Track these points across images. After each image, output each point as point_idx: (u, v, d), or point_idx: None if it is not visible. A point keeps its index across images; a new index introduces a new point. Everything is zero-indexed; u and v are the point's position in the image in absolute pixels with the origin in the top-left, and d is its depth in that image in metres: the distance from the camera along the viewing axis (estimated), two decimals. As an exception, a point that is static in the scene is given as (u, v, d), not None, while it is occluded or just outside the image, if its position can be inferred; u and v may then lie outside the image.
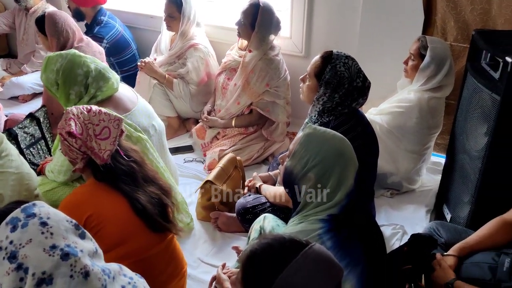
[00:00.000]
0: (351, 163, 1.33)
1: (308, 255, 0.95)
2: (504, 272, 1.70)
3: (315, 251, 0.96)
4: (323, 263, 0.96)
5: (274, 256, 0.95)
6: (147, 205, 1.58)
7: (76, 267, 0.94)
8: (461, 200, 2.26)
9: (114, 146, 1.58)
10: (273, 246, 0.97)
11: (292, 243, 0.98)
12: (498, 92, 1.87)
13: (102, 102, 2.11)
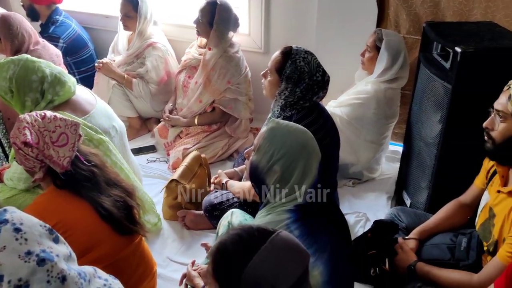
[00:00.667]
0: (314, 155, 1.37)
1: (276, 242, 0.98)
2: (461, 251, 1.79)
3: (282, 238, 0.99)
4: (290, 249, 0.99)
5: (243, 245, 0.97)
6: (112, 209, 1.56)
7: (52, 272, 0.93)
8: (419, 185, 2.36)
9: (73, 152, 1.53)
10: (241, 236, 0.99)
11: (260, 231, 1.00)
12: (449, 81, 1.96)
13: (59, 106, 2.05)
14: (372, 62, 2.60)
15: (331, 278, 1.36)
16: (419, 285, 1.69)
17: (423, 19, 2.67)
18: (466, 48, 1.83)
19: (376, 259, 1.87)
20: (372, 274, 1.88)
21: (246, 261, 0.95)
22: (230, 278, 0.95)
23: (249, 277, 0.93)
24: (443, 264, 1.76)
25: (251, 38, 3.23)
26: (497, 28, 2.14)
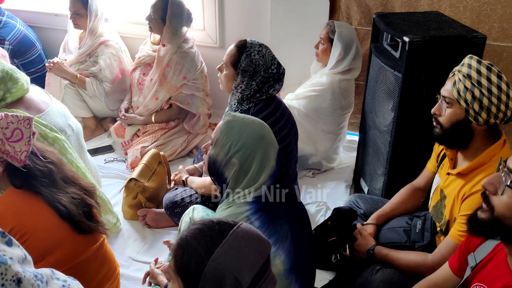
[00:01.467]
0: (271, 146, 1.39)
1: (237, 234, 0.99)
2: (417, 233, 1.87)
3: (243, 230, 1.00)
4: (252, 240, 1.00)
5: (204, 239, 0.97)
6: (70, 206, 1.53)
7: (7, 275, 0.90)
8: (375, 172, 2.43)
9: (29, 146, 1.51)
10: (202, 231, 1.00)
11: (221, 225, 1.01)
12: (399, 70, 2.02)
13: (12, 104, 2.01)
14: (326, 54, 2.65)
15: (293, 266, 1.38)
16: (378, 267, 1.74)
17: (373, 10, 2.74)
18: (413, 38, 1.90)
19: (336, 246, 1.92)
20: (333, 260, 1.94)
21: (208, 255, 0.95)
22: (193, 273, 0.95)
23: (212, 271, 0.94)
24: (400, 247, 1.83)
25: (205, 33, 3.22)
26: (442, 18, 2.22)
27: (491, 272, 1.20)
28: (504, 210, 1.06)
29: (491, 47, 2.65)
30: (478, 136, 1.60)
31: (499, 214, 1.07)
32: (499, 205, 1.07)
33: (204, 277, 0.94)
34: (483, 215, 1.11)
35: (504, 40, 2.62)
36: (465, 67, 1.56)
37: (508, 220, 1.06)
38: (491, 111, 1.50)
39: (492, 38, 2.63)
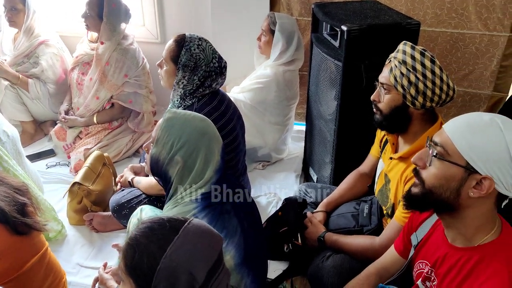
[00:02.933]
0: (215, 140, 1.37)
1: (189, 230, 0.97)
2: (364, 217, 1.91)
3: (194, 225, 0.99)
4: (203, 235, 0.99)
5: (156, 237, 0.96)
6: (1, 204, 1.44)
7: None
8: (323, 161, 2.46)
9: None
10: (153, 229, 0.98)
11: (171, 222, 0.99)
12: (339, 59, 2.05)
13: None
14: (269, 45, 2.65)
15: (244, 260, 1.38)
16: (328, 254, 1.77)
17: (313, 1, 2.77)
18: (351, 27, 1.93)
19: (288, 236, 1.93)
20: (285, 250, 1.95)
21: (161, 253, 0.94)
22: (146, 272, 0.94)
23: (165, 268, 0.92)
24: (350, 232, 1.87)
25: (146, 28, 3.14)
26: (378, 6, 2.28)
27: (431, 247, 1.25)
28: (433, 181, 1.11)
29: (426, 32, 2.75)
30: (416, 120, 1.65)
31: (429, 185, 1.12)
32: (428, 177, 1.12)
33: (157, 275, 0.92)
34: (416, 189, 1.16)
35: (438, 25, 2.72)
36: (400, 54, 1.60)
37: (437, 190, 1.11)
38: (427, 95, 1.55)
39: (427, 24, 2.73)
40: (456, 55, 2.77)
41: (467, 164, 1.06)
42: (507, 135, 1.03)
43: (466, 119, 1.11)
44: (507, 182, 1.04)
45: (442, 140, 1.10)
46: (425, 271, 1.24)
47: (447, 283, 1.14)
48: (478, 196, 1.07)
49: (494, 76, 2.75)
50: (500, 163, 1.03)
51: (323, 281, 1.68)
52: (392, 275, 1.40)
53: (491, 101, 2.83)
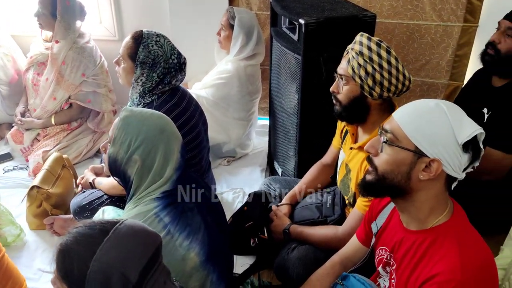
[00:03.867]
0: (174, 138, 1.35)
1: (120, 231, 0.96)
2: (328, 208, 1.94)
3: (126, 225, 0.98)
4: (136, 235, 0.98)
5: (85, 240, 0.94)
6: None
7: None
8: (287, 154, 2.48)
9: None
10: (82, 232, 0.96)
11: (102, 224, 0.99)
12: (299, 52, 2.06)
13: None
14: (229, 40, 2.64)
15: (209, 257, 1.37)
16: (294, 245, 1.78)
17: (270, -5, 2.77)
18: (308, 20, 1.94)
19: (254, 230, 1.93)
20: (252, 244, 1.95)
21: (90, 256, 0.93)
22: (77, 276, 0.93)
23: (96, 271, 0.92)
24: (314, 223, 1.89)
25: (102, 26, 3.07)
26: (335, -1, 2.30)
27: (389, 233, 1.29)
28: (384, 166, 1.14)
29: (383, 24, 2.81)
30: (374, 110, 1.68)
31: (381, 171, 1.15)
32: (380, 163, 1.15)
33: (89, 279, 0.92)
34: (370, 176, 1.19)
35: (395, 17, 2.78)
36: (357, 45, 1.62)
37: (389, 175, 1.14)
38: (384, 85, 1.58)
39: (384, 16, 2.78)
40: (412, 46, 2.84)
41: (415, 148, 1.09)
42: (451, 119, 1.07)
43: (413, 106, 1.14)
44: (454, 163, 1.08)
45: (392, 126, 1.13)
46: (384, 256, 1.27)
47: (404, 266, 1.17)
48: (428, 178, 1.10)
49: (449, 65, 2.84)
50: (446, 145, 1.07)
51: (288, 272, 1.70)
52: (356, 263, 1.43)
53: (448, 90, 2.91)
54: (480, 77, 2.36)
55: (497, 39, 2.10)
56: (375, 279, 1.34)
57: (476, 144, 1.09)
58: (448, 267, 1.04)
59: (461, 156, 1.08)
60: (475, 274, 1.04)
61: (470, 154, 1.09)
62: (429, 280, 1.06)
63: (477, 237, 1.14)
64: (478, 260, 1.07)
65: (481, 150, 1.10)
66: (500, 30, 2.10)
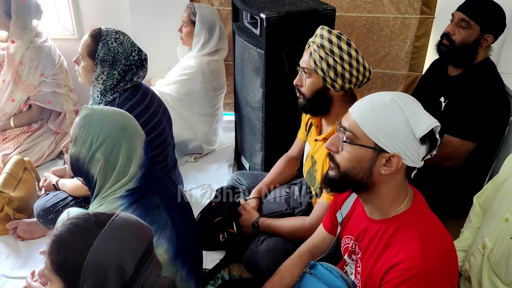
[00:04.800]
0: (136, 135, 1.34)
1: (116, 223, 0.96)
2: (295, 200, 1.96)
3: (121, 217, 0.98)
4: (131, 227, 0.98)
5: (81, 232, 0.93)
6: None
7: None
8: (254, 148, 2.49)
9: None
10: (77, 224, 0.95)
11: (97, 216, 0.98)
12: (261, 47, 2.07)
13: None
14: (190, 36, 2.62)
15: (177, 253, 1.37)
16: (262, 238, 1.80)
17: (232, -10, 2.76)
18: (269, 14, 1.95)
19: (222, 225, 1.94)
20: (221, 240, 1.96)
21: (87, 247, 0.92)
22: (72, 268, 0.91)
23: (92, 262, 0.91)
24: (282, 215, 1.91)
25: (61, 24, 2.99)
26: (295, -7, 2.32)
27: (354, 222, 1.32)
28: (346, 164, 1.16)
29: (344, 18, 2.85)
30: (337, 102, 1.71)
31: (344, 168, 1.17)
32: (341, 161, 1.17)
33: (85, 270, 0.90)
34: (332, 172, 1.20)
35: (355, 11, 2.83)
36: (318, 38, 1.64)
37: (351, 172, 1.16)
38: (345, 77, 1.61)
39: (344, 10, 2.82)
40: (372, 38, 2.90)
41: (375, 145, 1.11)
42: (407, 113, 1.09)
43: (369, 102, 1.15)
44: (412, 155, 1.11)
45: (350, 125, 1.15)
46: (350, 245, 1.30)
47: (369, 254, 1.20)
48: (389, 172, 1.13)
49: (408, 56, 2.91)
50: (404, 140, 1.09)
51: (258, 265, 1.71)
52: (323, 252, 1.46)
53: (408, 80, 2.99)
54: (436, 67, 2.45)
55: (451, 30, 2.18)
56: (342, 267, 1.37)
57: (432, 135, 1.12)
58: (410, 254, 1.07)
59: (419, 149, 1.11)
60: (436, 259, 1.07)
61: (428, 145, 1.12)
62: (393, 268, 1.09)
63: (436, 223, 1.18)
64: (438, 245, 1.11)
65: (437, 140, 1.13)
66: (453, 21, 2.18)
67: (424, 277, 1.05)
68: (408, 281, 1.05)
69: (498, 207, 1.59)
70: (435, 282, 1.06)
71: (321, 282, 1.30)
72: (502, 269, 1.49)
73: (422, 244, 1.08)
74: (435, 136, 1.12)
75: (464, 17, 2.12)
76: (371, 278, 1.17)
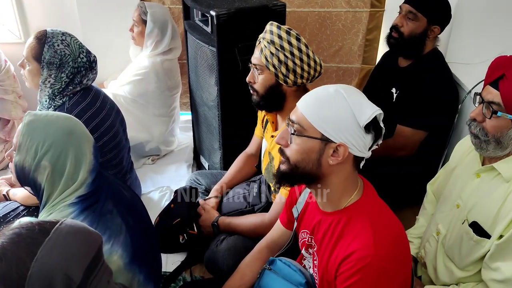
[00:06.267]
0: (84, 139, 1.29)
1: (61, 231, 0.92)
2: (255, 197, 1.96)
3: (67, 225, 0.94)
4: (78, 234, 0.94)
5: (24, 241, 0.89)
6: None
7: None
8: (212, 147, 2.47)
9: None
10: (20, 233, 0.91)
11: (41, 224, 0.94)
12: (213, 44, 2.05)
13: None
14: (142, 36, 2.57)
15: (133, 258, 1.33)
16: (222, 237, 1.79)
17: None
18: (219, 11, 1.94)
19: (182, 226, 1.92)
20: (181, 241, 1.93)
21: (30, 257, 0.88)
22: (16, 280, 0.87)
23: (37, 272, 0.87)
24: (242, 213, 1.91)
25: (5, 28, 2.86)
26: (246, -11, 2.31)
27: (308, 216, 1.33)
28: (296, 156, 1.17)
29: (296, 13, 2.87)
30: (290, 97, 1.72)
31: (293, 161, 1.18)
32: (291, 154, 1.18)
33: (29, 282, 0.87)
34: (284, 166, 1.22)
35: (306, 6, 2.85)
36: (268, 34, 1.64)
37: (301, 164, 1.17)
38: (297, 72, 1.62)
39: (296, 5, 2.84)
40: (325, 33, 2.93)
41: (322, 135, 1.13)
42: (351, 103, 1.12)
43: (314, 94, 1.17)
44: (359, 145, 1.13)
45: (297, 117, 1.16)
46: (306, 239, 1.31)
47: (324, 247, 1.21)
48: (337, 162, 1.14)
49: (361, 50, 2.96)
50: (350, 129, 1.11)
51: (219, 265, 1.70)
52: (282, 247, 1.46)
53: (361, 73, 3.04)
54: (387, 59, 2.50)
55: (399, 22, 2.23)
56: (301, 261, 1.38)
57: (376, 124, 1.14)
58: (363, 244, 1.09)
59: (365, 137, 1.13)
60: (387, 247, 1.10)
61: (373, 134, 1.14)
62: (346, 259, 1.11)
63: (386, 211, 1.20)
64: (389, 233, 1.13)
65: (382, 129, 1.16)
66: (401, 13, 2.23)
67: (377, 265, 1.07)
68: (362, 270, 1.07)
69: (450, 193, 1.64)
70: (388, 269, 1.08)
71: (280, 277, 1.31)
72: (455, 254, 1.54)
73: (373, 233, 1.10)
74: (379, 124, 1.15)
75: (411, 9, 2.18)
76: (327, 270, 1.19)
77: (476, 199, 1.48)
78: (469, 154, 1.61)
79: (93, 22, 2.84)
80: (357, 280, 1.07)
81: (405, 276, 1.14)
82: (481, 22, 2.49)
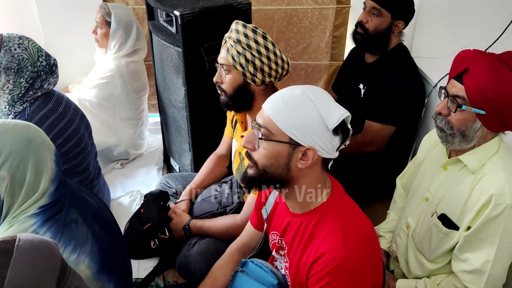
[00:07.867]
0: (44, 147, 1.24)
1: (23, 248, 0.88)
2: (226, 198, 1.94)
3: (26, 240, 0.90)
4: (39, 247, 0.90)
5: None
6: None
7: None
8: (182, 149, 2.44)
9: None
10: None
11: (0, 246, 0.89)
12: (179, 45, 2.02)
13: None
14: (106, 38, 2.51)
15: (101, 267, 1.29)
16: (194, 241, 1.76)
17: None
18: (183, 11, 1.91)
19: (152, 231, 1.87)
20: (153, 246, 1.89)
21: (1, 282, 0.83)
22: None
23: None
24: (214, 215, 1.89)
25: (-39, 32, 2.75)
26: (210, -12, 2.28)
27: (278, 218, 1.31)
28: (264, 161, 1.15)
29: (263, 11, 2.86)
30: (259, 96, 1.70)
31: (261, 166, 1.16)
32: (259, 158, 1.16)
33: None
34: (251, 171, 1.19)
35: (273, 3, 2.84)
36: (233, 33, 1.62)
37: (269, 169, 1.15)
38: (264, 70, 1.61)
39: (262, 3, 2.83)
40: (293, 31, 2.93)
41: (290, 139, 1.11)
42: (319, 106, 1.10)
43: (281, 97, 1.14)
44: (327, 147, 1.12)
45: (264, 121, 1.14)
46: (276, 241, 1.30)
47: (294, 249, 1.20)
48: (306, 166, 1.13)
49: (329, 46, 2.98)
50: (318, 132, 1.10)
51: (191, 269, 1.68)
52: (253, 249, 1.45)
53: (330, 70, 3.06)
54: (354, 55, 2.52)
55: (364, 18, 2.24)
56: (272, 263, 1.37)
57: (344, 126, 1.13)
58: (333, 245, 1.08)
59: (333, 140, 1.12)
60: (357, 247, 1.09)
61: (341, 135, 1.13)
62: (317, 260, 1.10)
63: (355, 211, 1.20)
64: (358, 232, 1.13)
65: (349, 130, 1.15)
66: (366, 10, 2.25)
67: (348, 266, 1.06)
68: (333, 272, 1.06)
69: (418, 186, 1.65)
70: (359, 269, 1.08)
71: (252, 279, 1.29)
72: (425, 247, 1.56)
73: (342, 233, 1.09)
74: (347, 126, 1.14)
75: (375, 5, 2.19)
76: (298, 272, 1.18)
77: (444, 191, 1.49)
78: (436, 147, 1.63)
79: (55, 25, 2.76)
80: (328, 282, 1.07)
81: (376, 275, 1.15)
82: (445, 16, 2.53)
